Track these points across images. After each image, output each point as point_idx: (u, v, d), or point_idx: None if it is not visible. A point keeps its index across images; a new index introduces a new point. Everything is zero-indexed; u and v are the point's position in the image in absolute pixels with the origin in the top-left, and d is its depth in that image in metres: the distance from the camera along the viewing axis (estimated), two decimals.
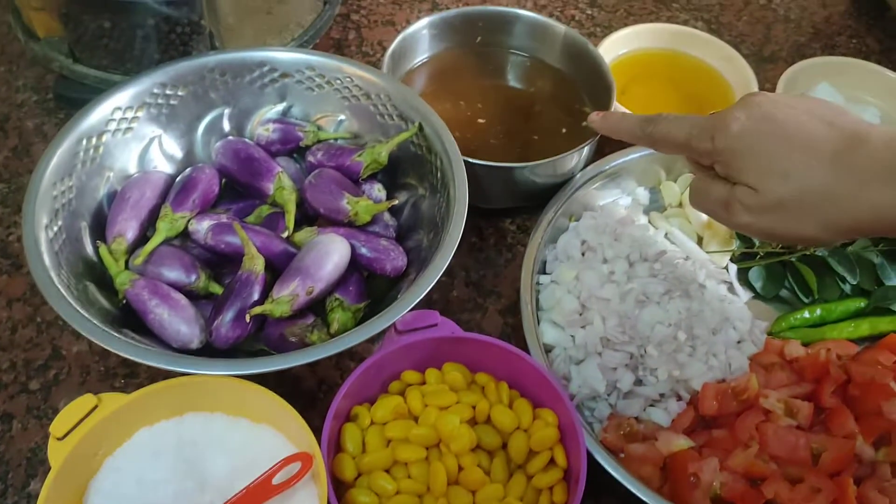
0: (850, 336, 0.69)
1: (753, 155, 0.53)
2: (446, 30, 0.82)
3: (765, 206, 0.53)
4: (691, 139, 0.57)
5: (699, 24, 0.98)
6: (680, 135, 0.58)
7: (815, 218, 0.52)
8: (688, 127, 0.58)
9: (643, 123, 0.62)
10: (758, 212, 0.53)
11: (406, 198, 0.69)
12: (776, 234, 0.54)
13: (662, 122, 0.60)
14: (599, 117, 0.68)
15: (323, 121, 0.73)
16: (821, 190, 0.51)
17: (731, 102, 0.83)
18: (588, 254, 0.69)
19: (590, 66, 0.79)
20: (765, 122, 0.53)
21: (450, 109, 0.79)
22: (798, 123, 0.52)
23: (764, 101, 0.55)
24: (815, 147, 0.51)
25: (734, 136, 0.54)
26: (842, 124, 0.52)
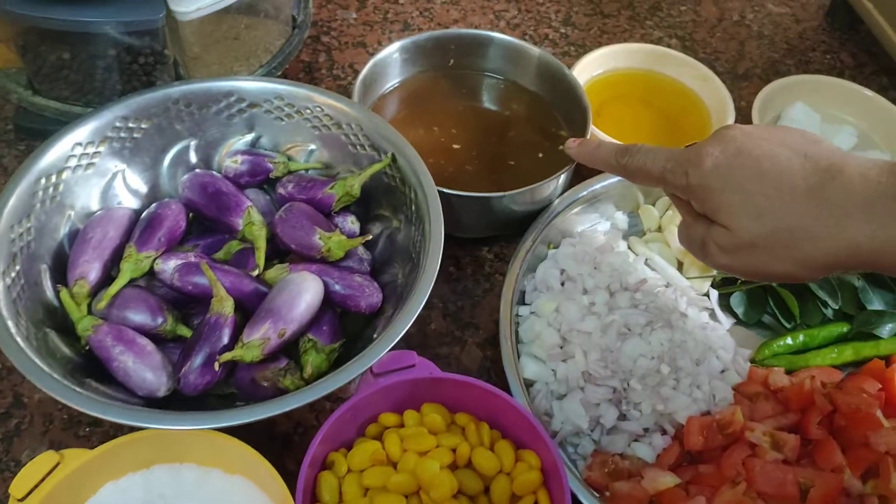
0: (834, 362, 0.68)
1: (726, 192, 0.52)
2: (418, 53, 0.80)
3: (739, 246, 0.52)
4: (666, 173, 0.56)
5: (673, 41, 0.97)
6: (654, 168, 0.57)
7: (792, 256, 0.50)
8: (662, 160, 0.56)
9: (619, 154, 0.60)
10: (733, 252, 0.52)
11: (380, 230, 0.68)
12: (753, 272, 0.53)
13: (638, 154, 0.59)
14: (576, 145, 0.66)
15: (293, 150, 0.70)
16: (796, 227, 0.49)
17: (706, 123, 0.83)
18: (568, 284, 0.68)
19: (565, 90, 0.78)
20: (738, 157, 0.52)
21: (423, 135, 0.77)
22: (772, 157, 0.51)
23: (738, 134, 0.53)
24: (789, 182, 0.50)
25: (707, 172, 0.52)
26: (816, 156, 0.50)
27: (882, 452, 0.59)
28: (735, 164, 0.52)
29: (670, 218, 0.76)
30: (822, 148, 0.51)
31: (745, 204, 0.51)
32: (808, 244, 0.49)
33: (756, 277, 0.54)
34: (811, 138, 0.53)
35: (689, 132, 0.82)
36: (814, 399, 0.63)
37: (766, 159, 0.51)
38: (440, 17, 0.96)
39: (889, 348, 0.68)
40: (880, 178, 0.48)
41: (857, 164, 0.49)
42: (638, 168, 0.58)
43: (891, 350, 0.68)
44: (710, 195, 0.53)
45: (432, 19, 0.96)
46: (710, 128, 0.82)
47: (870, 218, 0.47)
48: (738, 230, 0.51)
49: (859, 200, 0.48)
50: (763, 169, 0.51)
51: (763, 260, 0.51)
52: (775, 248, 0.50)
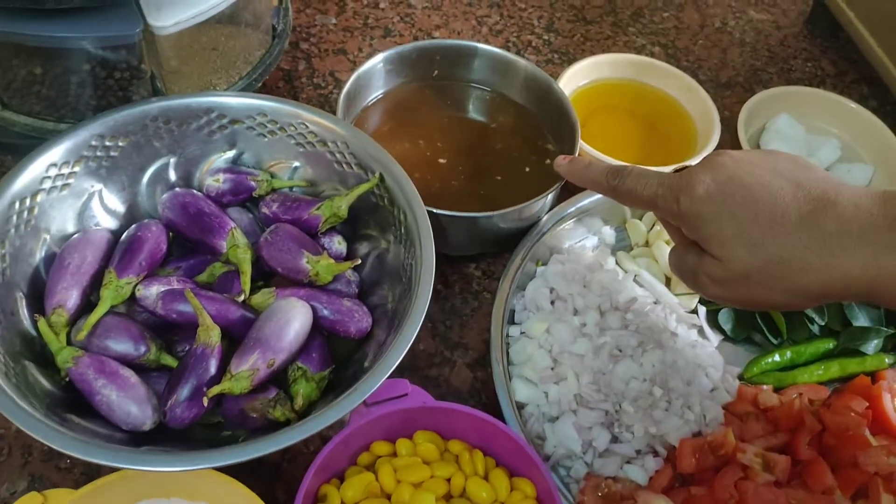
0: (821, 379, 0.69)
1: (719, 221, 0.51)
2: (402, 64, 0.78)
3: (732, 278, 0.51)
4: (657, 199, 0.55)
5: (656, 48, 0.97)
6: (645, 193, 0.56)
7: (785, 287, 0.50)
8: (654, 185, 0.56)
9: (609, 175, 0.60)
10: (725, 283, 0.52)
11: (368, 249, 0.66)
12: (746, 302, 0.53)
13: (629, 176, 0.58)
14: (566, 163, 0.66)
15: (276, 168, 0.69)
16: (789, 258, 0.49)
17: (692, 134, 0.82)
18: (558, 304, 0.67)
19: (552, 103, 0.77)
20: (730, 185, 0.51)
21: (409, 149, 0.76)
22: (763, 185, 0.51)
23: (729, 161, 0.53)
24: (781, 212, 0.49)
25: (699, 199, 0.52)
26: (808, 184, 0.50)
27: (871, 473, 0.59)
28: (727, 192, 0.51)
29: (658, 233, 0.76)
30: (814, 175, 0.51)
31: (737, 234, 0.50)
32: (801, 275, 0.49)
33: (749, 307, 0.54)
34: (802, 164, 0.53)
35: (675, 144, 0.82)
36: (803, 419, 0.63)
37: (758, 187, 0.51)
38: (421, 22, 0.94)
39: (874, 364, 0.69)
40: (872, 209, 0.48)
41: (849, 194, 0.49)
42: (628, 191, 0.58)
43: (876, 366, 0.69)
44: (702, 224, 0.52)
45: (413, 25, 0.94)
46: (695, 139, 0.82)
47: (863, 249, 0.47)
48: (730, 262, 0.51)
49: (853, 231, 0.48)
50: (755, 197, 0.50)
51: (756, 291, 0.51)
52: (768, 280, 0.50)
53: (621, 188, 0.58)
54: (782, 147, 0.81)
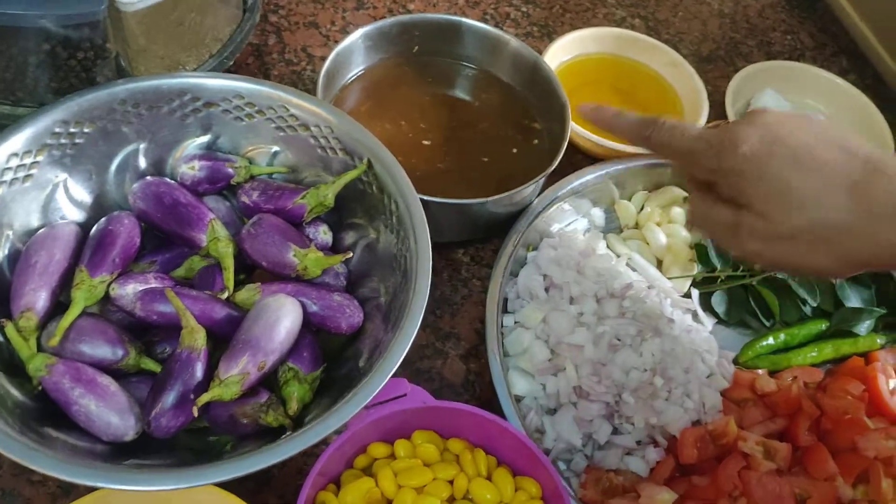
0: (815, 361, 0.68)
1: (765, 180, 0.50)
2: (382, 40, 0.74)
3: (776, 235, 0.50)
4: (695, 153, 0.54)
5: (636, 21, 0.94)
6: (682, 145, 0.55)
7: (830, 250, 0.49)
8: (692, 138, 0.54)
9: (642, 126, 0.58)
10: (768, 240, 0.51)
11: (355, 239, 0.63)
12: (786, 264, 0.52)
13: (664, 129, 0.56)
14: (590, 109, 0.63)
15: (254, 153, 0.65)
16: (837, 222, 0.48)
17: (678, 110, 0.80)
18: (553, 291, 0.65)
19: (539, 82, 0.74)
20: (776, 146, 0.50)
21: (391, 130, 0.72)
22: (810, 148, 0.50)
23: (774, 121, 0.52)
24: (830, 175, 0.49)
25: (743, 157, 0.51)
26: (857, 153, 0.49)
27: (871, 458, 0.59)
28: (774, 153, 0.50)
29: (648, 215, 0.74)
30: (860, 144, 0.51)
31: (785, 195, 0.50)
32: (848, 240, 0.49)
33: (786, 270, 0.54)
34: (845, 132, 0.52)
35: None
36: (801, 404, 0.62)
37: (805, 150, 0.50)
38: None
39: (866, 345, 0.69)
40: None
41: (894, 164, 0.49)
42: (664, 143, 0.56)
43: (868, 346, 0.69)
44: (746, 182, 0.51)
45: None
46: (682, 115, 0.80)
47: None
48: (776, 220, 0.50)
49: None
50: (800, 160, 0.49)
51: (800, 252, 0.50)
52: (814, 241, 0.49)
53: (655, 139, 0.57)
54: None
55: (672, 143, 0.56)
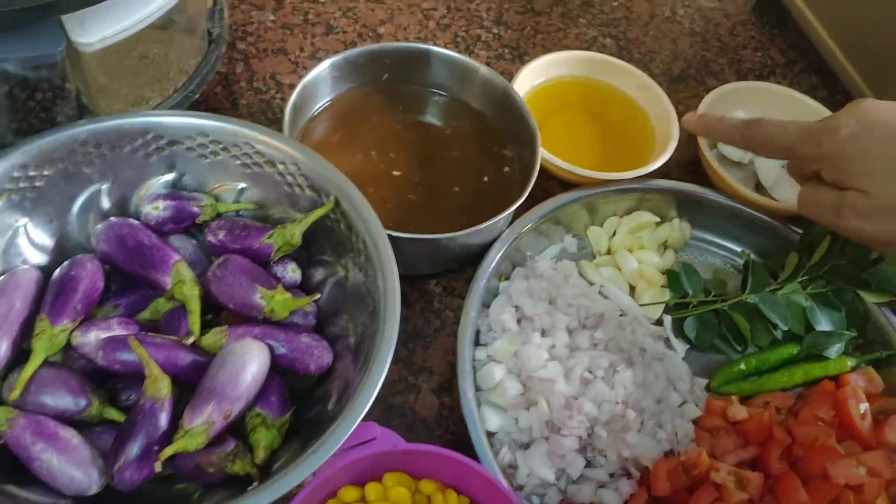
0: (787, 384, 0.69)
1: (865, 158, 0.55)
2: (350, 70, 0.74)
3: (879, 209, 0.55)
4: (797, 143, 0.60)
5: (607, 40, 0.94)
6: (784, 139, 0.61)
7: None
8: (793, 132, 0.61)
9: (743, 127, 0.65)
10: (869, 215, 0.56)
11: (324, 276, 0.62)
12: (887, 239, 0.57)
13: (765, 125, 0.63)
14: (696, 118, 0.71)
15: (220, 190, 0.64)
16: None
17: (649, 134, 0.80)
18: (524, 323, 0.65)
19: (509, 109, 0.74)
20: (877, 128, 0.55)
21: (361, 161, 0.72)
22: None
23: (873, 108, 0.57)
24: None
25: (843, 140, 0.56)
26: None
27: (842, 485, 0.59)
28: (874, 134, 0.55)
29: (620, 241, 0.74)
30: None
31: (886, 168, 0.54)
32: None
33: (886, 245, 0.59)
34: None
35: (633, 143, 0.80)
36: (773, 432, 0.63)
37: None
38: (365, 17, 0.89)
39: (837, 367, 0.69)
40: None
41: None
42: (766, 139, 0.63)
43: (839, 369, 0.69)
44: (847, 162, 0.56)
45: (357, 20, 0.89)
46: (653, 139, 0.80)
47: None
48: (878, 194, 0.55)
49: None
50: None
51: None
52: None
53: (757, 137, 0.63)
54: None
55: (775, 139, 0.62)
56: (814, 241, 0.72)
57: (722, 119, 0.67)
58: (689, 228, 0.77)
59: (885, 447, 0.64)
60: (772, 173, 0.78)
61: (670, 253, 0.75)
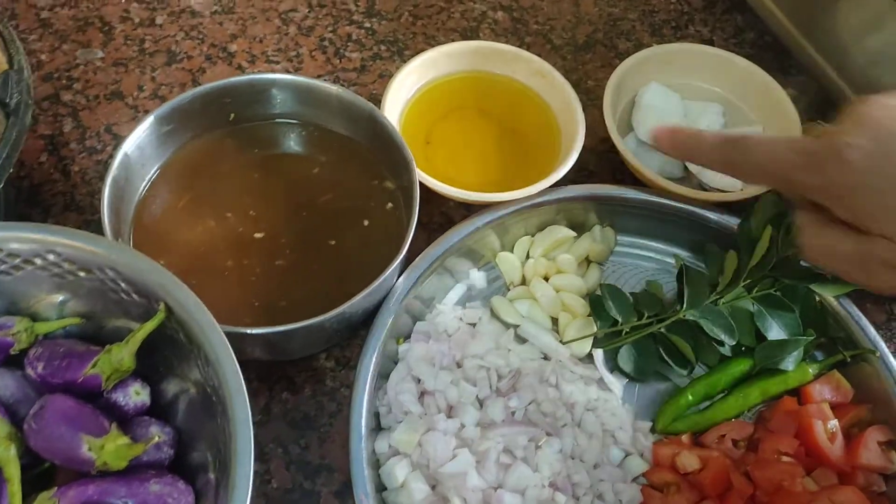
0: (742, 409, 0.60)
1: (888, 192, 0.41)
2: (185, 118, 0.62)
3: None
4: (793, 171, 0.45)
5: (499, 14, 0.82)
6: (775, 165, 0.46)
7: None
8: (786, 153, 0.45)
9: (724, 147, 0.49)
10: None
11: (177, 390, 0.52)
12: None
13: (751, 147, 0.48)
14: (667, 135, 0.54)
15: (38, 306, 0.53)
16: None
17: (553, 126, 0.69)
18: (428, 401, 0.55)
19: (379, 133, 0.62)
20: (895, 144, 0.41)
21: (215, 228, 0.60)
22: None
23: (881, 114, 0.42)
24: None
25: (856, 167, 0.41)
26: None
27: None
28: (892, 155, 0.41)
29: (534, 267, 0.64)
30: None
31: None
32: None
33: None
34: None
35: (537, 141, 0.69)
36: (730, 480, 0.54)
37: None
38: (213, 34, 0.77)
39: (798, 378, 0.60)
40: None
41: None
42: (752, 165, 0.48)
43: (800, 380, 0.60)
44: (864, 199, 0.42)
45: (203, 40, 0.76)
46: (557, 132, 0.69)
47: None
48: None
49: None
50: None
51: None
52: None
53: (741, 161, 0.48)
54: (658, 122, 0.68)
55: (762, 163, 0.47)
56: (753, 233, 0.62)
57: (698, 136, 0.52)
58: (613, 235, 0.67)
59: (861, 469, 0.56)
60: None
61: (595, 269, 0.65)
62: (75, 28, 0.75)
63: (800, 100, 0.77)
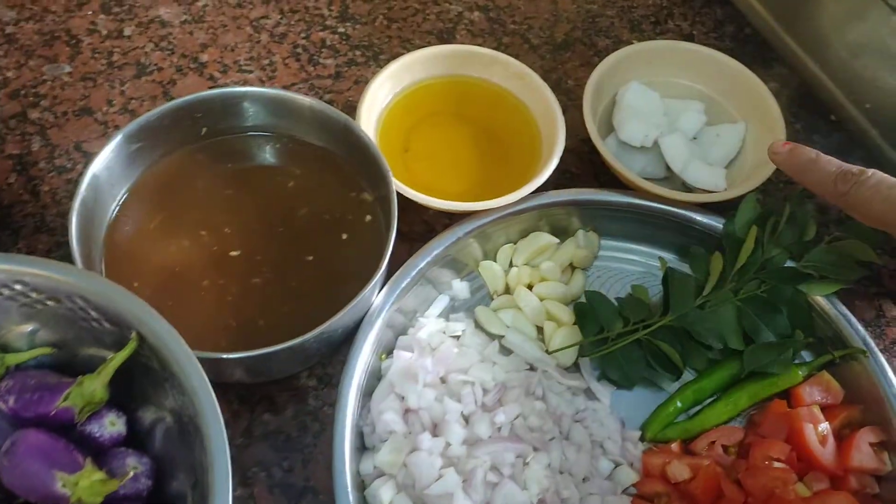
0: (732, 414, 0.59)
1: None
2: (155, 135, 0.60)
3: None
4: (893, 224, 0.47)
5: (475, 14, 0.80)
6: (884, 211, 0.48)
7: None
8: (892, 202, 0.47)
9: (839, 179, 0.50)
10: None
11: (154, 417, 0.51)
12: None
13: (864, 185, 0.49)
14: (786, 151, 0.55)
15: (9, 336, 0.51)
16: None
17: (533, 129, 0.69)
18: (412, 419, 0.54)
19: (355, 144, 0.61)
20: None
21: (190, 248, 0.59)
22: None
23: None
24: None
25: None
26: None
27: None
28: None
29: (517, 275, 0.63)
30: None
31: None
32: None
33: None
34: None
35: (518, 145, 0.68)
36: (721, 489, 0.53)
37: None
38: (183, 44, 0.75)
39: (787, 381, 0.59)
40: None
41: None
42: (862, 202, 0.49)
43: (790, 382, 0.59)
44: None
45: (173, 51, 0.74)
46: (537, 135, 0.68)
47: None
48: None
49: None
50: None
51: None
52: None
53: (853, 198, 0.49)
54: (639, 123, 0.68)
55: (871, 207, 0.48)
56: (737, 234, 0.62)
57: (816, 162, 0.52)
58: (596, 239, 0.66)
59: (853, 472, 0.55)
60: (680, 155, 0.67)
61: (579, 275, 0.64)
62: (41, 42, 0.73)
63: (781, 93, 0.77)
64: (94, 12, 0.76)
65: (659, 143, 0.67)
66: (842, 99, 0.72)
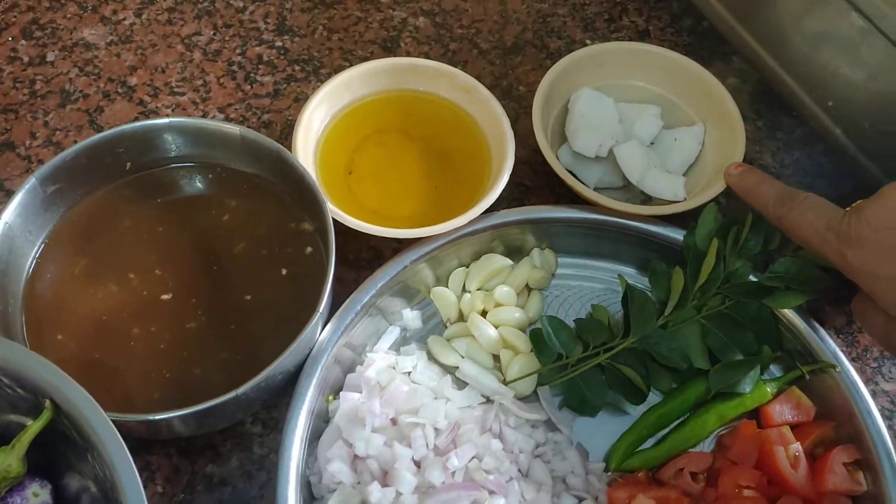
0: (700, 437, 0.56)
1: None
2: (74, 175, 0.56)
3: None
4: (823, 243, 0.49)
5: (420, 20, 0.76)
6: (810, 233, 0.49)
7: None
8: (822, 226, 0.49)
9: (778, 202, 0.52)
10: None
11: (79, 486, 0.47)
12: None
13: (797, 209, 0.51)
14: (737, 173, 0.56)
15: None
16: None
17: (482, 144, 0.65)
18: (361, 467, 0.51)
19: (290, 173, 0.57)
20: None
21: (118, 293, 0.55)
22: None
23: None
24: None
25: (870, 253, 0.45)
26: None
27: None
28: None
29: (471, 302, 0.59)
30: None
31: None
32: None
33: None
34: None
35: (467, 161, 0.65)
36: None
37: None
38: (110, 68, 0.70)
39: (756, 399, 0.57)
40: None
41: None
42: (795, 225, 0.51)
43: (759, 401, 0.57)
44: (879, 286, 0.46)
45: (100, 75, 0.70)
46: (487, 149, 0.64)
47: None
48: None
49: None
50: None
51: None
52: None
53: (788, 220, 0.52)
54: (592, 132, 0.64)
55: (802, 228, 0.51)
56: (698, 247, 0.59)
57: (762, 184, 0.54)
58: (553, 257, 0.63)
59: (827, 495, 0.53)
60: (637, 164, 0.63)
61: (536, 297, 0.61)
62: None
63: (743, 89, 0.74)
64: (15, 38, 0.72)
65: (614, 153, 0.64)
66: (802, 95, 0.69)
